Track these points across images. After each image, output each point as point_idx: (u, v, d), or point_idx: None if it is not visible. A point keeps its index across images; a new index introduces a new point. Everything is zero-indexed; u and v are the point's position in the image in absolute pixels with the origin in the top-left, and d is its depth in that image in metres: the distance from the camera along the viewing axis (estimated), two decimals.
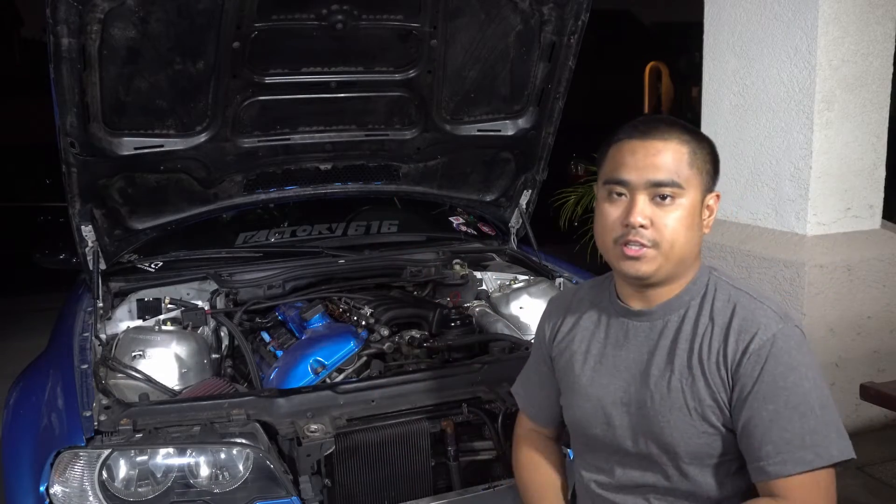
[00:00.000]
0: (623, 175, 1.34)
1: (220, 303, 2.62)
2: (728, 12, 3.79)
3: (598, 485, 1.47)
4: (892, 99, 3.62)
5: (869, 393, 2.64)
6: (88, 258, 2.51)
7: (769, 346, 1.29)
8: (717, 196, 1.40)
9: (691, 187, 1.33)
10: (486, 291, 2.91)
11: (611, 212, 1.36)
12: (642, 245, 1.32)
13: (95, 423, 1.79)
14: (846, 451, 1.28)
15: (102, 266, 2.54)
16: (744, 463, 1.34)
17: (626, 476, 1.43)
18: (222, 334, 2.57)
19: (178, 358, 2.27)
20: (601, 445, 1.46)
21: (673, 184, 1.31)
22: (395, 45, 2.49)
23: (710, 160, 1.37)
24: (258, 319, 2.64)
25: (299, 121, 2.64)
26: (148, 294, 2.62)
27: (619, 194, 1.35)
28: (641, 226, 1.31)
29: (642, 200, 1.32)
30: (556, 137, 2.90)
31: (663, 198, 1.32)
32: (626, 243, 1.33)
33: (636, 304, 1.42)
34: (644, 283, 1.37)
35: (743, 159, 3.78)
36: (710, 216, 1.40)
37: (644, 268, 1.33)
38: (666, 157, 1.32)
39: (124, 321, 2.52)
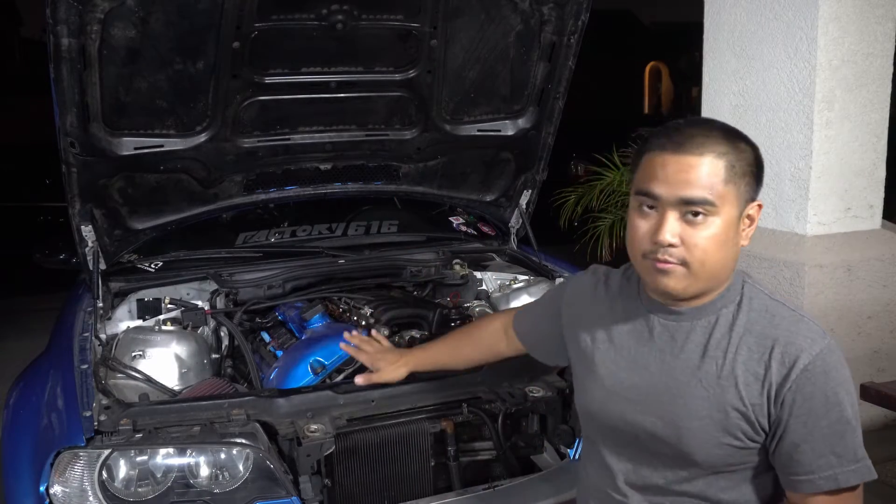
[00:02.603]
0: (654, 189, 1.27)
1: (220, 303, 2.62)
2: (728, 12, 3.79)
3: (604, 478, 1.46)
4: (892, 99, 3.62)
5: (869, 393, 2.64)
6: (88, 258, 2.51)
7: (819, 362, 1.25)
8: (759, 206, 1.32)
9: (726, 204, 1.26)
10: (486, 291, 2.91)
11: (640, 225, 1.30)
12: (671, 262, 1.27)
13: (95, 423, 1.79)
14: (874, 470, 1.29)
15: (102, 266, 2.54)
16: (760, 470, 1.32)
17: (635, 472, 1.41)
18: (222, 334, 2.57)
19: (178, 358, 2.27)
20: (613, 438, 1.44)
21: (705, 202, 1.24)
22: (395, 45, 2.49)
23: (749, 171, 1.28)
24: (258, 319, 2.64)
25: (299, 121, 2.64)
26: (148, 294, 2.61)
27: (650, 207, 1.29)
28: (670, 244, 1.26)
29: (672, 218, 1.26)
30: (556, 137, 2.90)
31: (695, 215, 1.25)
32: (656, 259, 1.28)
33: (664, 303, 1.37)
34: (674, 298, 1.33)
35: None
36: (750, 226, 1.32)
37: (672, 284, 1.28)
38: (699, 172, 1.24)
39: (124, 321, 2.52)
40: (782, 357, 1.26)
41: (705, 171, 1.25)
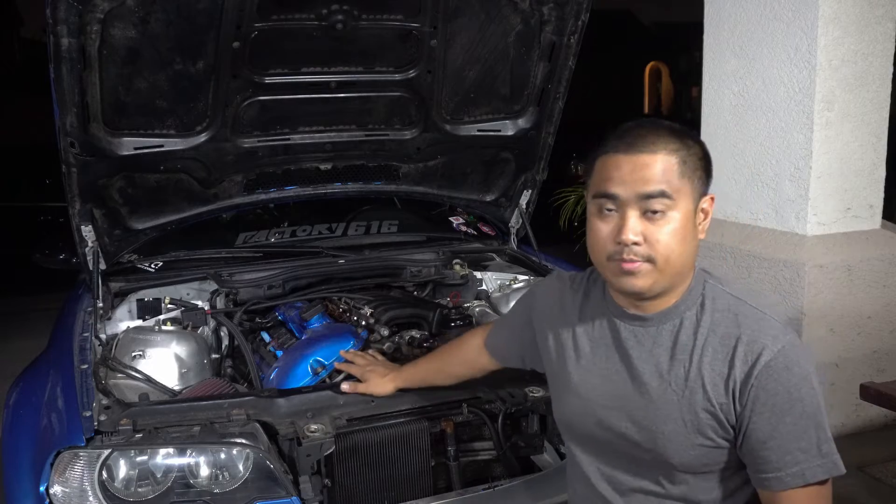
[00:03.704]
0: (612, 189, 1.29)
1: (220, 303, 2.62)
2: (728, 12, 3.79)
3: (588, 486, 1.47)
4: (892, 99, 3.62)
5: (869, 393, 2.64)
6: (88, 258, 2.51)
7: (781, 357, 1.26)
8: (712, 198, 1.36)
9: (683, 197, 1.29)
10: (486, 291, 2.91)
11: (602, 228, 1.32)
12: (637, 261, 1.28)
13: (95, 423, 1.78)
14: (842, 464, 1.28)
15: (102, 266, 2.54)
16: (737, 469, 1.33)
17: (616, 479, 1.42)
18: (222, 334, 2.57)
19: (178, 358, 2.27)
20: (592, 446, 1.45)
21: (664, 195, 1.27)
22: (395, 45, 2.49)
23: (700, 165, 1.32)
24: (258, 319, 2.64)
25: (299, 121, 2.64)
26: (148, 294, 2.61)
27: (610, 209, 1.31)
28: (634, 243, 1.27)
29: (633, 216, 1.28)
30: (556, 137, 2.90)
31: (654, 212, 1.27)
32: (622, 260, 1.29)
33: (629, 308, 1.39)
34: (641, 297, 1.34)
35: (743, 159, 3.78)
36: (704, 220, 1.35)
37: (640, 283, 1.30)
38: (654, 169, 1.27)
39: (124, 321, 2.52)
40: (745, 355, 1.28)
41: (660, 167, 1.28)
